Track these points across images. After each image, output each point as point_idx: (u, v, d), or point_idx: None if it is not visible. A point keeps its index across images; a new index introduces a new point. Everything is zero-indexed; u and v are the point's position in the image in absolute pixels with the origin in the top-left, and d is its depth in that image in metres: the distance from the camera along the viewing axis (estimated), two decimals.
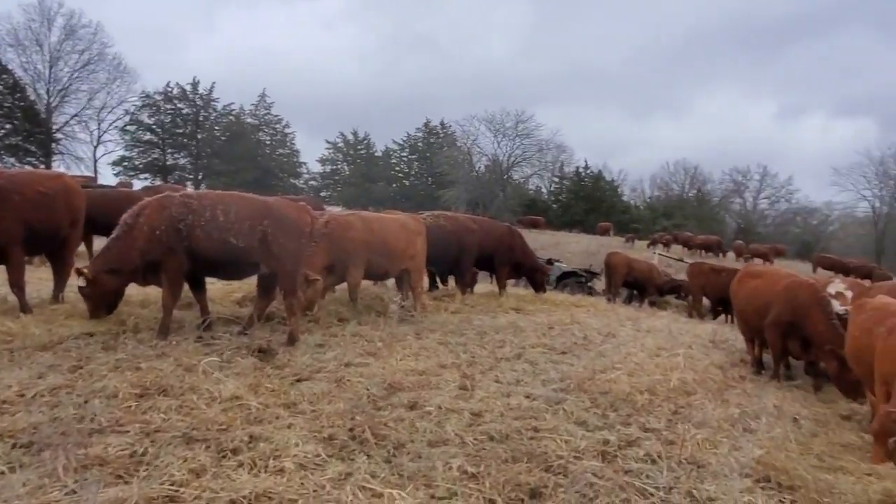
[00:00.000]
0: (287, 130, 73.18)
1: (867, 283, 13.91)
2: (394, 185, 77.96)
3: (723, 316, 16.53)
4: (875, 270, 32.91)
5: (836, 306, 8.59)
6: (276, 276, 6.96)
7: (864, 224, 68.09)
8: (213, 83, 67.52)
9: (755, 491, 4.51)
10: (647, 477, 4.50)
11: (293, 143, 74.16)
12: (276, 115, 72.12)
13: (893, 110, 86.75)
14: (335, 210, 15.58)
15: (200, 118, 66.77)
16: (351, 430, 4.65)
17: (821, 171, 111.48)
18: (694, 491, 4.39)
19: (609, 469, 4.55)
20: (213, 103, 67.70)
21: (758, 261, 37.63)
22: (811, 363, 8.57)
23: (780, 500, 4.50)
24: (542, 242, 39.56)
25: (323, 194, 73.70)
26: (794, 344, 8.42)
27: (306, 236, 6.99)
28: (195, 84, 66.52)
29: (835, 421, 6.73)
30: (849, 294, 9.40)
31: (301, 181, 75.53)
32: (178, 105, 66.55)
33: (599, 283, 21.15)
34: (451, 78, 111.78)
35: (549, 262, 22.31)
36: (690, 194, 78.72)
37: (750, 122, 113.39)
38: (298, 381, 5.73)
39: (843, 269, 33.02)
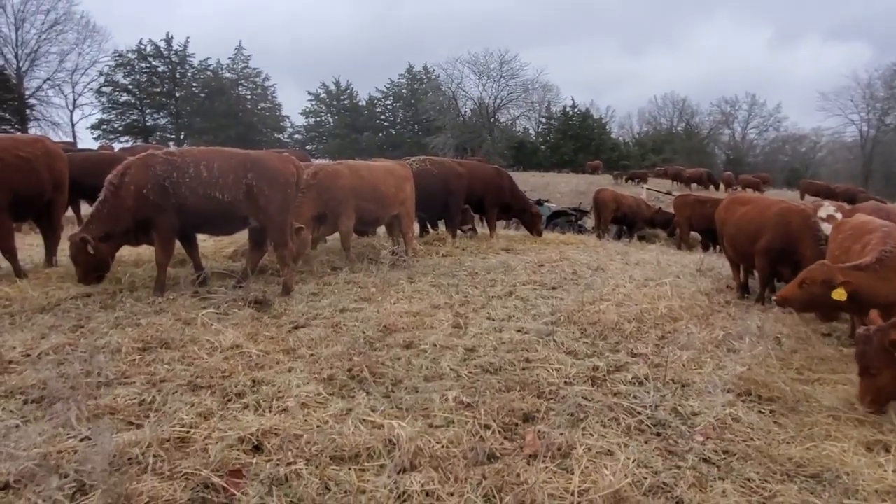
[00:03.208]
0: (267, 83, 71.70)
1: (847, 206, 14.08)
2: (380, 135, 77.04)
3: (711, 247, 16.77)
4: (859, 195, 33.12)
5: (827, 229, 8.70)
6: (265, 230, 7.03)
7: (852, 148, 68.29)
8: (188, 38, 65.86)
9: (736, 404, 4.75)
10: (635, 397, 4.73)
11: (274, 97, 72.79)
12: (255, 69, 70.51)
13: (888, 31, 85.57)
14: (322, 162, 15.52)
15: (177, 75, 65.21)
16: (349, 370, 4.84)
17: (810, 98, 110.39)
18: (678, 407, 4.62)
19: (598, 392, 4.77)
20: (189, 59, 66.05)
21: (749, 191, 37.82)
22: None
23: (760, 411, 4.75)
24: (532, 184, 39.56)
25: (308, 147, 72.82)
26: (784, 268, 8.54)
27: (292, 187, 7.03)
28: (169, 40, 64.76)
29: (815, 337, 6.97)
30: (839, 216, 9.55)
31: (285, 135, 74.45)
32: (153, 63, 64.86)
33: (590, 221, 21.31)
34: (436, 21, 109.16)
35: (539, 202, 22.43)
36: (679, 128, 78.30)
37: (742, 52, 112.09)
38: (296, 328, 5.89)
39: (829, 195, 33.23)
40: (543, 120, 78.55)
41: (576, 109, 75.97)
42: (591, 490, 3.31)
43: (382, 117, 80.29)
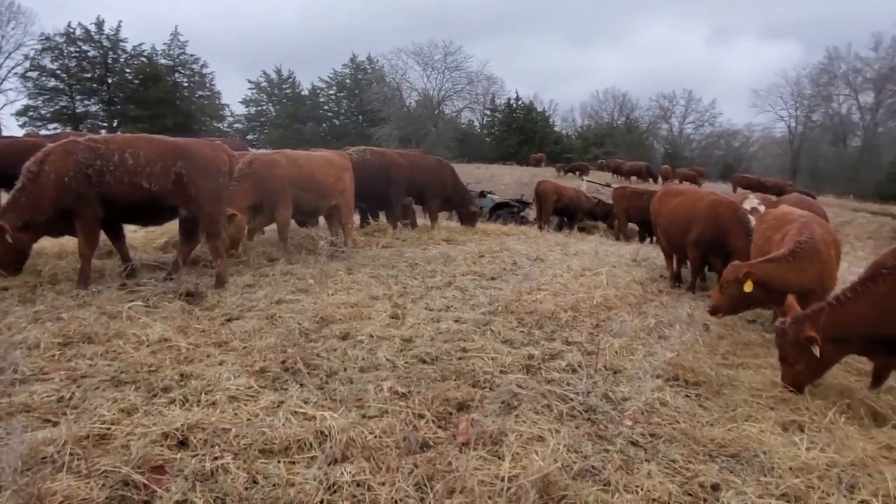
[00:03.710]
0: (205, 71, 69.28)
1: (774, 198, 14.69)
2: (323, 125, 75.84)
3: (648, 238, 17.25)
4: (787, 188, 34.71)
5: (752, 221, 9.07)
6: (197, 220, 6.81)
7: (782, 144, 71.42)
8: (120, 22, 62.90)
9: (664, 389, 4.91)
10: (568, 384, 4.82)
11: (213, 85, 70.36)
12: (193, 55, 68.01)
13: (817, 32, 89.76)
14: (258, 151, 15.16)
15: (109, 61, 62.28)
16: (283, 362, 4.75)
17: (744, 95, 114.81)
18: (610, 393, 4.74)
19: (532, 380, 4.84)
20: (121, 44, 63.12)
21: (686, 184, 39.08)
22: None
23: (687, 395, 4.93)
24: (476, 176, 39.79)
25: (250, 137, 71.06)
26: (715, 259, 8.86)
27: (225, 176, 6.83)
28: (100, 24, 61.73)
29: (740, 324, 7.27)
30: (762, 208, 9.95)
31: (225, 124, 72.35)
32: (83, 47, 61.70)
33: (532, 213, 21.60)
34: (380, 11, 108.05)
35: (482, 194, 22.61)
36: (620, 122, 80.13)
37: (681, 49, 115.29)
38: (229, 320, 5.75)
39: (760, 188, 34.69)
40: (488, 112, 79.15)
41: (520, 102, 76.75)
42: (521, 475, 3.35)
43: (326, 107, 79.04)
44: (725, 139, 78.82)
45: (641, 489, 3.45)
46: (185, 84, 68.22)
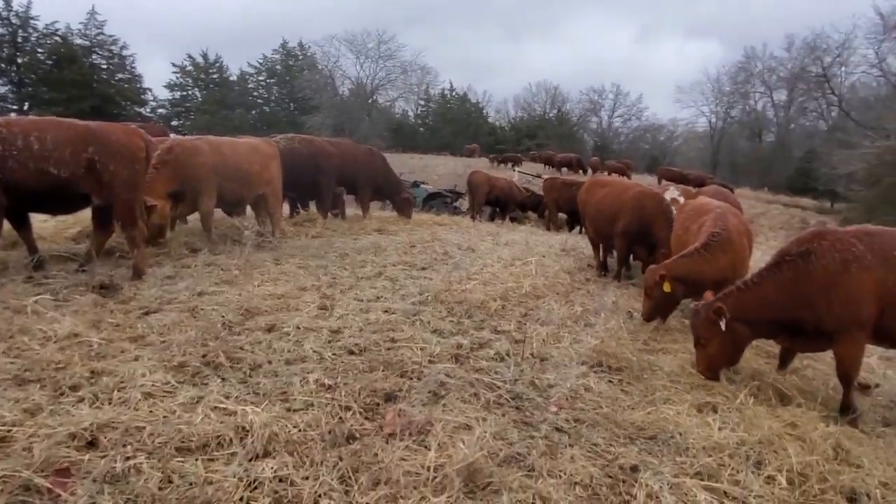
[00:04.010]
0: (125, 52, 65.77)
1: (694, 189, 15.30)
2: (253, 112, 73.55)
3: (578, 228, 17.65)
4: (707, 181, 36.31)
5: (674, 211, 9.41)
6: (111, 208, 6.45)
7: (703, 138, 74.53)
8: None
9: (589, 375, 5.04)
10: (496, 373, 4.88)
11: (133, 67, 66.86)
12: (111, 36, 64.42)
13: (737, 32, 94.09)
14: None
15: (19, 40, 58.25)
16: (204, 356, 4.58)
17: (668, 91, 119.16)
18: (536, 380, 4.83)
19: (461, 369, 4.86)
20: (32, 22, 59.07)
21: (615, 175, 40.26)
22: (648, 263, 9.38)
23: (610, 380, 5.09)
24: (410, 166, 39.67)
25: (175, 123, 68.13)
26: (641, 249, 9.15)
27: (141, 162, 6.49)
28: (8, 1, 57.62)
29: None
30: (682, 199, 10.35)
31: (148, 109, 68.97)
32: None
33: (465, 203, 21.71)
34: None
35: (416, 184, 22.54)
36: (551, 114, 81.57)
37: (611, 44, 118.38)
38: (146, 313, 5.49)
39: (682, 181, 36.12)
40: (422, 102, 78.99)
41: (454, 93, 77.01)
42: (447, 464, 3.36)
43: (255, 94, 76.71)
44: (651, 133, 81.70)
45: (565, 473, 3.52)
46: (104, 66, 64.56)
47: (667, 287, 6.16)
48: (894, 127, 32.38)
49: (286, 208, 12.09)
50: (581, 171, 44.60)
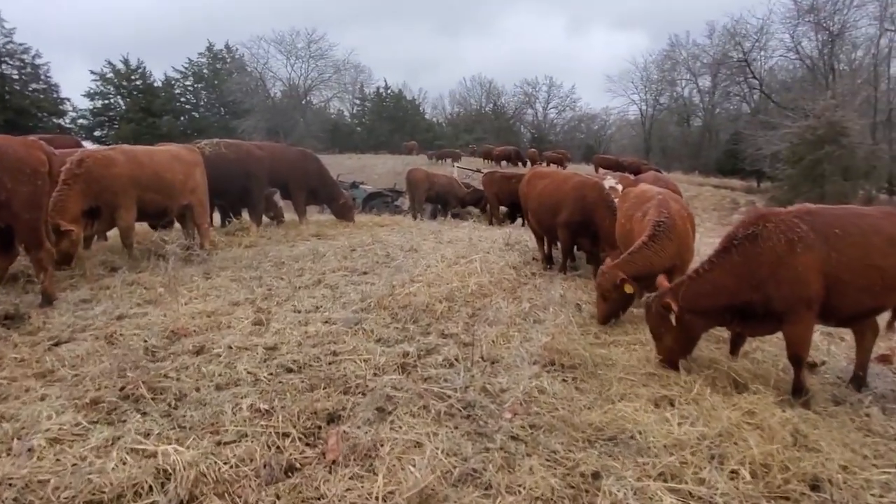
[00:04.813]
0: (39, 61, 62.12)
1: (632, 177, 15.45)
2: (182, 118, 70.82)
3: (520, 220, 17.57)
4: (642, 167, 37.14)
5: (615, 200, 9.33)
6: (12, 230, 5.83)
7: (635, 125, 76.39)
8: None
9: (542, 375, 4.84)
10: (445, 380, 4.62)
11: (49, 76, 63.20)
12: (22, 44, 60.69)
13: (661, 21, 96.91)
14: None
15: None
16: (122, 388, 4.15)
17: (600, 80, 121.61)
18: (488, 385, 4.59)
19: (408, 380, 4.58)
20: None
21: (553, 166, 40.71)
22: (592, 253, 9.30)
23: (564, 379, 4.90)
24: (349, 166, 39.08)
25: (97, 133, 64.96)
26: (584, 239, 9.03)
27: (43, 177, 5.87)
28: None
29: None
30: (620, 187, 10.32)
31: (67, 119, 65.44)
32: None
33: (407, 202, 21.38)
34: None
35: (354, 185, 22.08)
36: (488, 108, 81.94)
37: (543, 36, 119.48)
38: (56, 344, 4.98)
39: (618, 168, 36.88)
40: (357, 101, 77.93)
41: (389, 91, 76.29)
42: (397, 492, 3.08)
43: (183, 99, 73.86)
44: (586, 122, 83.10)
45: (524, 488, 3.30)
46: (15, 77, 60.89)
47: (629, 289, 6.05)
48: (812, 107, 33.81)
49: (217, 218, 11.49)
50: (520, 164, 44.85)
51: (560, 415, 4.21)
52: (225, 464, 3.29)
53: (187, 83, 72.98)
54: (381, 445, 3.58)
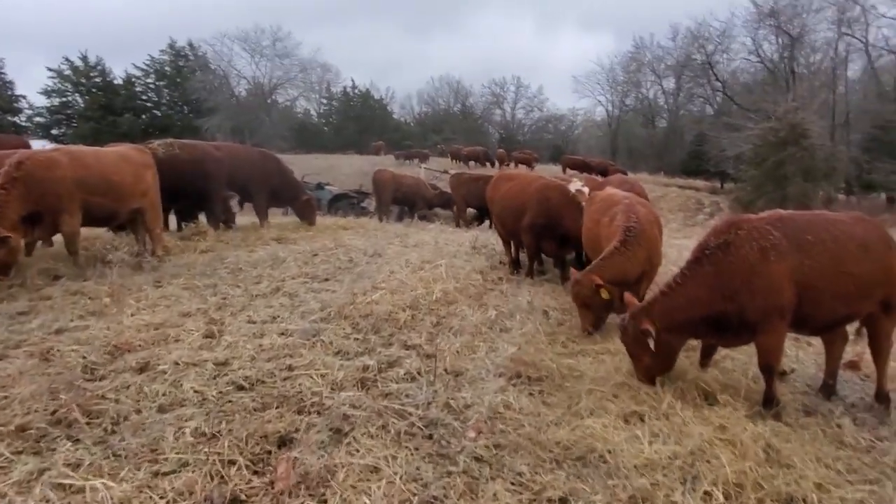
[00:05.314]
0: None
1: (600, 178, 15.43)
2: (143, 117, 68.98)
3: (487, 222, 17.40)
4: (610, 167, 37.42)
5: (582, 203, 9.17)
6: None
7: (602, 126, 77.10)
8: None
9: (507, 389, 4.65)
10: (406, 396, 4.40)
11: (3, 73, 61.06)
12: None
13: (626, 23, 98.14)
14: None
15: None
16: (53, 412, 3.82)
17: (567, 81, 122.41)
18: (451, 401, 4.37)
19: (367, 396, 4.35)
20: None
21: (521, 167, 40.74)
22: (557, 257, 9.14)
23: (531, 392, 4.71)
24: (316, 166, 38.50)
25: (55, 132, 62.94)
26: (549, 243, 8.84)
27: None
28: None
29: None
30: (586, 190, 10.19)
31: (23, 118, 63.27)
32: None
33: (373, 203, 21.06)
34: None
35: (320, 186, 21.69)
36: (456, 108, 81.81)
37: (509, 37, 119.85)
38: None
39: (585, 168, 37.04)
40: (324, 101, 77.06)
41: (356, 90, 75.61)
42: None
43: (144, 97, 71.89)
44: (553, 123, 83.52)
45: None
46: None
47: (605, 294, 5.87)
48: (774, 109, 34.42)
49: (173, 222, 11.04)
50: (489, 164, 44.80)
51: (526, 432, 4.02)
52: (161, 498, 3.01)
53: (149, 81, 71.17)
54: (335, 472, 3.34)
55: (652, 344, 4.48)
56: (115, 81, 68.39)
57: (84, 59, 66.54)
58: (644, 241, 6.13)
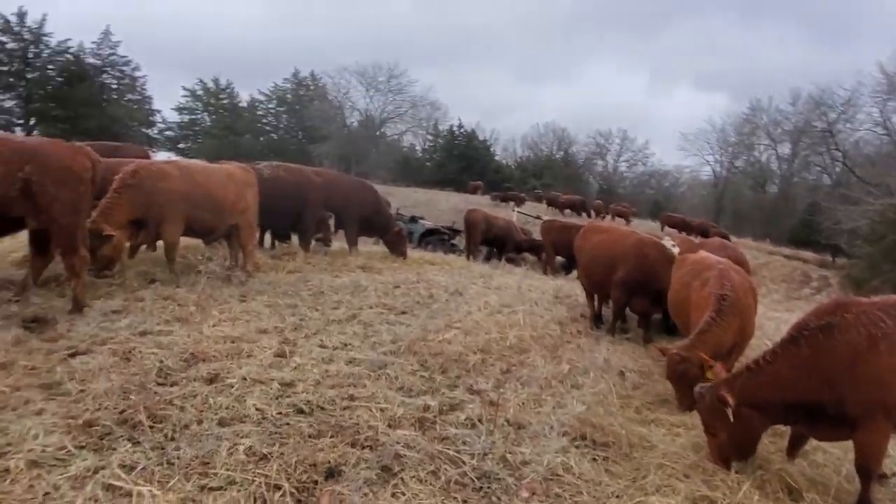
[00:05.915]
0: (137, 74, 66.22)
1: (698, 239, 14.72)
2: (261, 139, 73.77)
3: (575, 272, 16.99)
4: (711, 229, 35.82)
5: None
6: (49, 233, 5.86)
7: (707, 186, 74.38)
8: (45, 15, 59.32)
9: (570, 451, 4.38)
10: (463, 443, 4.24)
11: (144, 89, 67.27)
12: (124, 56, 64.91)
13: (743, 84, 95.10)
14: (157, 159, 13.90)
15: (30, 55, 58.61)
16: (122, 412, 3.96)
17: (674, 138, 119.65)
18: (508, 455, 4.17)
19: (423, 438, 4.23)
20: (44, 39, 59.44)
21: (619, 220, 39.82)
22: (644, 316, 8.71)
23: (594, 458, 4.42)
24: (414, 200, 39.40)
25: (182, 146, 68.34)
26: (641, 301, 8.43)
27: (86, 184, 5.90)
28: (21, 15, 57.98)
29: (658, 372, 6.86)
30: (676, 250, 9.70)
31: (155, 130, 69.25)
32: (1, 39, 57.87)
33: (464, 241, 21.13)
34: (325, 27, 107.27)
35: (413, 219, 22.04)
36: (558, 155, 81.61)
37: (620, 90, 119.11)
38: (72, 355, 4.87)
39: (685, 227, 35.67)
40: (430, 137, 79.17)
41: (462, 129, 77.18)
42: None
43: (265, 121, 77.09)
44: (656, 178, 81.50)
45: None
46: (114, 86, 65.03)
47: (710, 375, 5.20)
48: None
49: (267, 240, 11.51)
50: (584, 214, 44.11)
51: (584, 501, 3.75)
52: None
53: (270, 106, 76.24)
54: None
55: (730, 414, 4.08)
56: (241, 104, 73.63)
57: (216, 81, 72.21)
58: (738, 310, 5.70)
